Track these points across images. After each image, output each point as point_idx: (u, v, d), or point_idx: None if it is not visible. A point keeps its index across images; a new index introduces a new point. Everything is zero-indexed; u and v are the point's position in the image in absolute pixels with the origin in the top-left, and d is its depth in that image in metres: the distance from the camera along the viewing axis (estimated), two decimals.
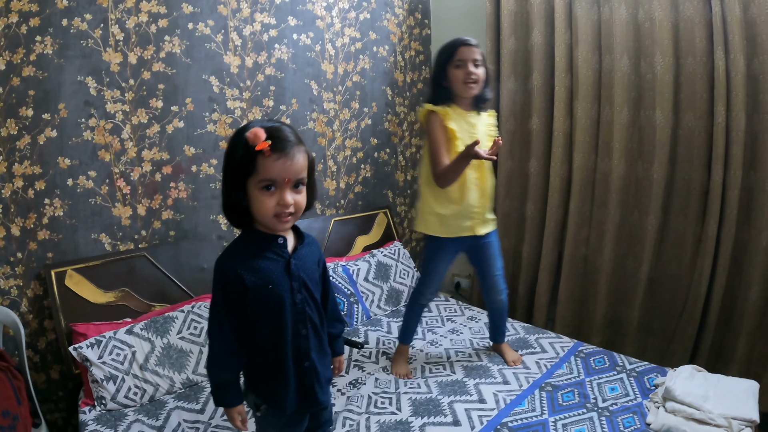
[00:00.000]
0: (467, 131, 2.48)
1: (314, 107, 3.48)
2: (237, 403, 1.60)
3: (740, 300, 2.91)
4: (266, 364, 1.59)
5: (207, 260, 2.95)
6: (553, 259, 3.53)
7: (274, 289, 1.53)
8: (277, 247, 1.56)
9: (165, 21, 2.75)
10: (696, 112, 2.93)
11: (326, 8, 3.46)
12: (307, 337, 1.60)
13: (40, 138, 2.46)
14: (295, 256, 1.59)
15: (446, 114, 2.45)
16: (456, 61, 2.42)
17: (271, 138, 1.41)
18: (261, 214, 1.47)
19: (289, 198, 1.46)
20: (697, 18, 2.83)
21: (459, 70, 2.41)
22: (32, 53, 2.40)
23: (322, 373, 1.67)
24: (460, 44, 2.43)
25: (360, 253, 3.67)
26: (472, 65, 2.41)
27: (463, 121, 2.49)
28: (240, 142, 1.43)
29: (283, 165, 1.43)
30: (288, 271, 1.56)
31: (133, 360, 2.40)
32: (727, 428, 2.06)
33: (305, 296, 1.59)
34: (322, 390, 1.67)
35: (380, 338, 3.06)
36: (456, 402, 2.40)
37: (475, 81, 2.42)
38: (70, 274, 2.55)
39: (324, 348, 1.69)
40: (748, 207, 2.85)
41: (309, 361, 1.61)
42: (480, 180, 2.54)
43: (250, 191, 1.46)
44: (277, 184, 1.45)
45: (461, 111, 2.50)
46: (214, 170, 3.03)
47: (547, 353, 2.82)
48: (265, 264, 1.53)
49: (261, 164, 1.42)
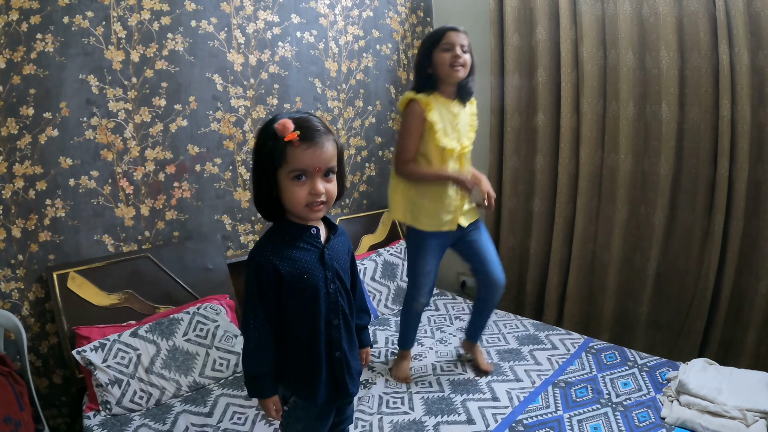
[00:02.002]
0: (449, 121, 2.44)
1: (318, 105, 3.47)
2: (272, 394, 1.60)
3: (749, 293, 2.90)
4: (299, 355, 1.59)
5: (212, 261, 2.92)
6: (563, 256, 3.52)
7: (309, 279, 1.52)
8: (311, 237, 1.56)
9: (168, 18, 2.73)
10: (701, 106, 2.92)
11: (329, 6, 3.45)
12: (338, 327, 1.60)
13: (41, 137, 2.43)
14: (328, 246, 1.59)
15: (427, 104, 2.40)
16: (443, 45, 2.37)
17: (300, 128, 1.41)
18: (293, 204, 1.47)
19: (321, 187, 1.45)
20: (701, 12, 2.83)
21: (446, 53, 2.36)
22: (33, 51, 2.37)
23: (353, 364, 1.67)
24: (448, 29, 2.39)
25: (366, 252, 3.65)
26: (459, 49, 2.36)
27: (445, 110, 2.44)
28: (269, 133, 1.44)
29: (313, 154, 1.42)
30: (322, 261, 1.56)
31: (138, 363, 2.37)
32: (741, 420, 2.07)
33: (338, 286, 1.59)
34: (353, 381, 1.68)
35: (388, 338, 3.05)
36: (469, 400, 2.39)
37: (462, 65, 2.37)
38: (72, 276, 2.51)
39: (353, 339, 1.69)
40: (756, 200, 2.84)
41: (340, 351, 1.61)
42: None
43: (281, 182, 1.45)
44: (308, 174, 1.45)
45: (444, 100, 2.45)
46: (219, 169, 3.00)
47: (558, 350, 2.81)
48: (299, 254, 1.53)
49: (291, 154, 1.41)
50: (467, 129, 2.50)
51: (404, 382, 2.58)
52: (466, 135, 2.48)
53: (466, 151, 2.50)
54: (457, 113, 2.46)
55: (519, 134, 3.62)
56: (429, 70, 2.42)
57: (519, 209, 3.72)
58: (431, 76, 2.43)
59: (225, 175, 3.03)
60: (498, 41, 3.60)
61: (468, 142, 2.49)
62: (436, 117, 2.39)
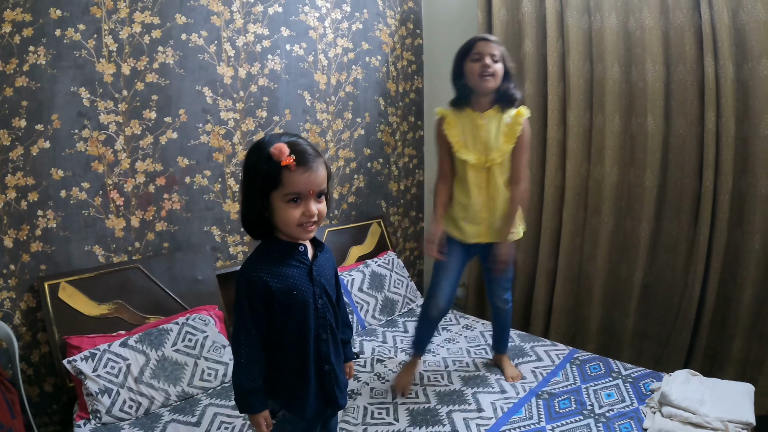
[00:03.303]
0: (471, 133, 2.46)
1: (307, 118, 3.49)
2: (263, 409, 1.62)
3: (734, 303, 2.93)
4: (289, 369, 1.63)
5: (201, 272, 2.94)
6: (549, 268, 3.54)
7: (299, 295, 1.57)
8: (299, 254, 1.61)
9: (158, 32, 2.75)
10: (687, 119, 2.96)
11: (319, 19, 3.47)
12: (327, 342, 1.65)
13: (33, 149, 2.45)
14: (316, 263, 1.64)
15: (446, 117, 2.48)
16: (473, 55, 2.38)
17: (294, 152, 1.46)
18: (287, 224, 1.52)
19: (314, 208, 1.51)
20: (686, 25, 2.87)
21: (475, 63, 2.37)
22: (25, 63, 2.39)
23: (341, 377, 1.73)
24: (478, 39, 2.41)
25: (354, 263, 3.67)
26: (489, 59, 2.36)
27: (468, 121, 2.46)
28: (262, 157, 1.48)
29: (308, 178, 1.48)
30: (311, 277, 1.61)
31: (127, 373, 2.38)
32: (723, 431, 2.08)
33: (326, 301, 1.65)
34: (342, 394, 1.73)
35: (375, 348, 3.06)
36: (454, 411, 2.40)
37: (492, 74, 2.36)
38: (63, 286, 2.53)
39: (340, 352, 1.74)
40: (739, 211, 2.88)
41: (329, 365, 1.66)
42: (486, 184, 2.49)
43: (275, 203, 1.50)
44: (302, 196, 1.49)
45: (472, 112, 2.46)
46: (208, 181, 3.02)
47: (543, 361, 2.83)
48: (289, 271, 1.58)
49: (287, 178, 1.46)
50: (499, 140, 2.45)
51: (401, 390, 2.56)
52: (497, 147, 2.44)
53: (494, 163, 2.46)
54: (483, 125, 2.45)
55: None
56: (462, 80, 2.45)
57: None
58: (466, 87, 2.45)
59: (214, 187, 3.05)
60: None
61: (496, 154, 2.43)
62: (454, 130, 2.46)
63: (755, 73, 2.70)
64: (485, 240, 2.55)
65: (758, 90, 2.70)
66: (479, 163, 2.44)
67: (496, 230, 2.54)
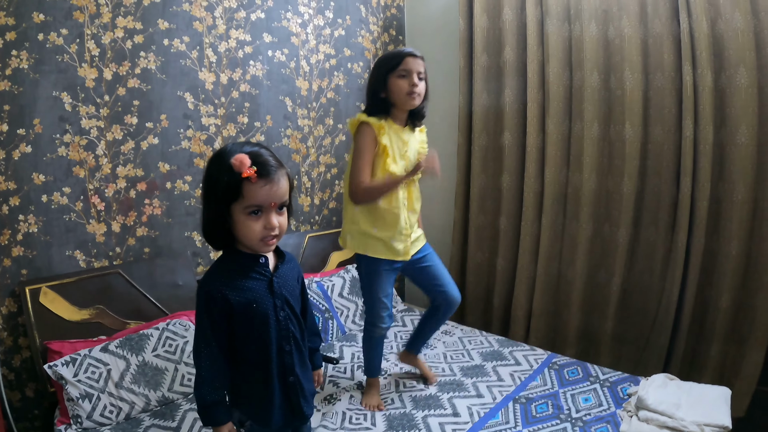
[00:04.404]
0: (398, 147, 2.40)
1: (289, 124, 3.50)
2: (227, 420, 1.61)
3: (711, 308, 2.97)
4: (252, 381, 1.62)
5: (182, 277, 2.95)
6: (529, 273, 3.57)
7: (258, 308, 1.56)
8: (260, 266, 1.60)
9: (141, 37, 2.76)
10: (665, 126, 3.00)
11: (301, 25, 3.49)
12: (290, 353, 1.64)
13: (14, 153, 2.45)
14: (277, 274, 1.63)
15: (380, 128, 2.33)
16: (400, 71, 2.31)
17: (255, 164, 1.43)
18: (248, 237, 1.50)
19: (275, 221, 1.49)
20: (665, 34, 2.91)
21: (403, 80, 2.31)
22: (8, 68, 2.39)
23: (306, 387, 1.71)
24: (408, 54, 2.33)
25: (335, 268, 3.68)
26: (416, 77, 2.31)
27: (395, 136, 2.39)
28: (223, 167, 1.45)
29: (269, 190, 1.46)
30: (271, 290, 1.60)
31: (108, 378, 2.38)
32: None
33: (288, 313, 1.63)
34: (307, 403, 1.72)
35: (355, 353, 3.07)
36: (430, 416, 2.42)
37: (419, 93, 2.33)
38: (44, 291, 2.52)
39: (305, 362, 1.73)
40: (716, 217, 2.91)
41: (293, 376, 1.65)
42: (408, 200, 2.48)
43: (235, 216, 1.48)
44: (263, 209, 1.48)
45: (396, 126, 2.41)
46: (189, 187, 3.03)
47: (521, 366, 2.85)
48: (248, 283, 1.57)
49: (247, 190, 1.44)
50: (416, 156, 2.48)
51: (377, 410, 2.52)
52: (414, 163, 2.43)
53: (416, 179, 2.47)
54: (407, 140, 2.44)
55: (486, 153, 3.68)
56: (382, 94, 2.38)
57: (486, 226, 3.78)
58: (385, 101, 2.38)
59: (195, 192, 3.06)
60: (467, 61, 3.67)
61: None
62: (387, 142, 2.35)
63: (733, 81, 2.74)
64: (412, 254, 2.53)
65: (735, 98, 2.74)
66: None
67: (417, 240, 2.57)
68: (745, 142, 2.73)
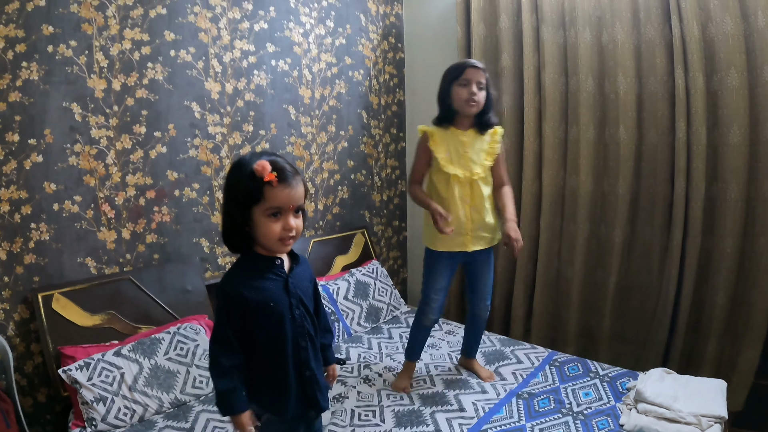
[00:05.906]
0: (456, 150, 2.57)
1: (292, 131, 3.55)
2: (245, 409, 1.67)
3: (707, 305, 3.03)
4: (269, 375, 1.70)
5: (191, 282, 2.99)
6: (528, 273, 3.63)
7: (275, 307, 1.65)
8: (276, 267, 1.69)
9: (148, 48, 2.81)
10: (658, 129, 3.07)
11: (303, 35, 3.55)
12: (306, 349, 1.72)
13: (26, 163, 2.48)
14: (292, 275, 1.72)
15: (432, 135, 2.58)
16: (462, 80, 2.50)
17: (275, 170, 1.55)
18: (267, 238, 1.60)
19: (293, 222, 1.60)
20: (657, 39, 2.98)
21: (463, 88, 2.49)
22: (18, 79, 2.42)
23: (322, 381, 1.80)
24: (469, 65, 2.51)
25: (339, 272, 3.72)
26: (475, 86, 2.49)
27: (453, 139, 2.58)
28: (245, 174, 1.57)
29: (288, 193, 1.57)
30: (286, 289, 1.69)
31: (121, 381, 2.42)
32: (696, 425, 2.17)
33: (302, 311, 1.72)
34: (324, 397, 1.79)
35: (361, 354, 3.12)
36: (437, 412, 2.48)
37: (476, 101, 2.50)
38: (56, 297, 2.56)
39: (319, 358, 1.81)
40: (711, 216, 2.97)
41: (309, 371, 1.73)
42: (470, 197, 2.59)
43: (256, 218, 1.58)
44: (282, 211, 1.58)
45: (456, 130, 2.59)
46: (197, 194, 3.08)
47: (523, 364, 2.91)
48: (265, 284, 1.66)
49: (268, 193, 1.55)
50: (481, 156, 2.60)
51: (403, 391, 2.68)
52: (480, 162, 2.59)
53: (476, 178, 2.57)
54: (467, 142, 2.59)
55: None
56: (447, 100, 2.57)
57: None
58: (449, 106, 2.57)
59: (203, 199, 3.11)
60: None
61: (480, 169, 2.57)
62: (440, 147, 2.57)
63: (724, 83, 2.80)
64: (470, 248, 2.63)
65: (727, 99, 2.80)
66: (465, 177, 2.55)
67: (481, 238, 2.64)
68: (737, 143, 2.79)
